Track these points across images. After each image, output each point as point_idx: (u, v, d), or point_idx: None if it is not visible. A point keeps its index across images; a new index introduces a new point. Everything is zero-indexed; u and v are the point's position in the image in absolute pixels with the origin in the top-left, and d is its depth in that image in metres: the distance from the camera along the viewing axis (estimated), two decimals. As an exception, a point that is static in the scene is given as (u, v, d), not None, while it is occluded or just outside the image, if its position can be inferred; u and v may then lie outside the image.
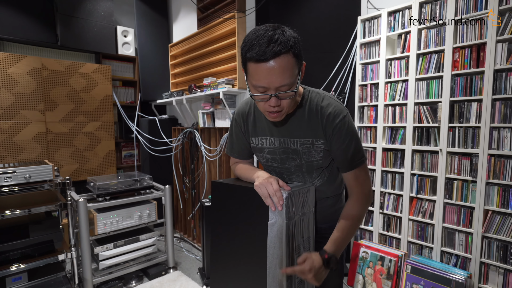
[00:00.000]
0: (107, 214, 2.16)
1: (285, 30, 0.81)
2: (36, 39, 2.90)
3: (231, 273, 1.04)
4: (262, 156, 1.08)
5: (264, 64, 0.77)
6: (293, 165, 1.03)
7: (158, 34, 3.56)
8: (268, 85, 0.80)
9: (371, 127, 2.13)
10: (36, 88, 2.74)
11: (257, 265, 0.94)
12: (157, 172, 3.28)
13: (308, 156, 0.99)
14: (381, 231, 2.12)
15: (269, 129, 1.01)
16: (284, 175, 1.09)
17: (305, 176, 1.05)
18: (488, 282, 1.68)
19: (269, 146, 1.03)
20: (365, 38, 2.09)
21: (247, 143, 1.12)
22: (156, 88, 3.57)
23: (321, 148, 0.97)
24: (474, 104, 1.67)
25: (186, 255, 2.79)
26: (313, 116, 0.94)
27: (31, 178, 1.84)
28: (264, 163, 1.11)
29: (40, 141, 2.78)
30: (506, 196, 1.59)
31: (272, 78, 0.79)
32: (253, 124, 1.05)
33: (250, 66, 0.81)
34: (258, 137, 1.05)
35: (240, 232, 1.00)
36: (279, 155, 1.03)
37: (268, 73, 0.78)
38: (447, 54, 1.74)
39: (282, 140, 1.00)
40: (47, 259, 1.89)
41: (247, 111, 1.06)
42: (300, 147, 0.98)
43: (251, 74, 0.82)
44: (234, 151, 1.17)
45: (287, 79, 0.80)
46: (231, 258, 1.03)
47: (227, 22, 2.63)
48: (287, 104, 0.86)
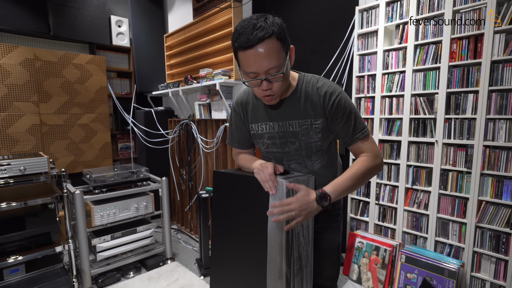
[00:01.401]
0: (104, 206, 2.16)
1: (268, 17, 0.86)
2: (28, 29, 2.83)
3: (232, 261, 1.05)
4: (263, 142, 1.10)
5: (250, 50, 0.83)
6: (292, 149, 1.06)
7: (153, 24, 3.49)
8: (257, 69, 0.86)
9: (367, 119, 2.13)
10: (29, 79, 2.69)
11: (258, 253, 0.95)
12: (153, 164, 3.27)
13: (306, 138, 1.02)
14: (377, 221, 2.14)
15: (268, 114, 1.04)
16: (284, 161, 1.10)
17: (304, 160, 1.07)
18: (480, 271, 1.72)
19: (268, 131, 1.06)
20: (362, 29, 2.07)
21: (247, 132, 1.14)
22: (151, 79, 3.52)
23: (319, 129, 1.01)
24: (471, 96, 1.68)
25: (184, 246, 2.81)
26: (310, 97, 0.99)
27: (26, 170, 1.83)
28: (265, 150, 1.12)
29: (34, 133, 2.75)
30: (500, 186, 1.61)
31: (259, 63, 0.84)
32: (252, 111, 1.08)
33: (239, 55, 0.87)
34: (257, 123, 1.08)
35: (241, 220, 1.01)
36: (279, 139, 1.06)
37: (255, 58, 0.84)
38: (444, 45, 1.73)
39: (281, 124, 1.03)
40: (44, 251, 1.89)
41: (245, 99, 1.10)
42: (299, 128, 1.01)
43: (241, 62, 0.88)
44: (234, 141, 1.18)
45: (274, 61, 0.85)
46: (232, 245, 1.05)
47: (223, 12, 2.59)
48: (279, 87, 0.91)
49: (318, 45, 2.32)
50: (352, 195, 2.27)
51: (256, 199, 0.95)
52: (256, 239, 0.96)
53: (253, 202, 0.97)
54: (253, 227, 0.97)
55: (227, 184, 1.06)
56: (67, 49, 3.20)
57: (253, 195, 0.96)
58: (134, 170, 2.43)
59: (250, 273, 0.99)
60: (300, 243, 0.96)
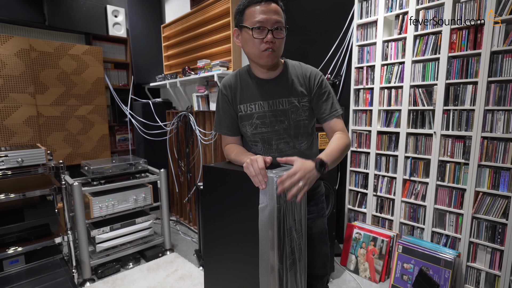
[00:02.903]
0: (103, 197, 2.16)
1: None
2: (22, 19, 2.78)
3: (224, 256, 1.06)
4: (251, 122, 1.11)
5: (262, 4, 0.98)
6: (281, 128, 1.10)
7: (150, 14, 3.44)
8: (265, 19, 0.97)
9: (366, 110, 2.13)
10: (24, 70, 2.66)
11: (249, 248, 0.95)
12: (152, 156, 3.26)
13: (296, 115, 1.09)
14: (374, 212, 2.16)
15: (259, 93, 1.10)
16: (273, 141, 1.12)
17: (293, 139, 1.12)
18: (476, 261, 1.74)
19: (258, 111, 1.10)
20: (362, 19, 2.05)
21: (235, 115, 1.14)
22: (149, 70, 3.49)
23: (306, 107, 1.10)
24: (470, 87, 1.67)
25: (183, 237, 2.82)
26: (296, 77, 1.11)
27: (23, 162, 1.82)
28: (252, 132, 1.12)
29: (31, 124, 2.73)
30: (497, 178, 1.62)
31: (269, 14, 0.98)
32: (241, 92, 1.12)
33: (249, 11, 0.99)
34: (247, 104, 1.11)
35: (232, 215, 1.00)
36: (269, 118, 1.10)
37: (265, 10, 0.98)
38: (444, 36, 1.71)
39: (271, 103, 1.09)
40: (43, 242, 1.89)
41: (233, 82, 1.14)
42: (289, 106, 1.09)
43: (250, 16, 0.99)
44: (222, 127, 1.17)
45: (279, 17, 0.99)
46: (224, 241, 1.05)
47: (221, 1, 2.55)
48: (279, 45, 1.02)
49: (317, 36, 2.30)
50: (350, 186, 2.28)
51: (246, 193, 0.94)
52: (247, 234, 0.95)
53: (242, 197, 0.96)
54: (244, 221, 0.96)
55: (217, 178, 1.04)
56: (63, 40, 3.16)
57: (243, 189, 0.95)
58: (133, 162, 2.43)
59: (243, 268, 0.99)
60: (292, 237, 0.96)
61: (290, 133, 1.10)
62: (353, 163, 2.24)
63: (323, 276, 1.22)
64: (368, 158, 2.15)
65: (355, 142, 2.20)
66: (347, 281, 2.04)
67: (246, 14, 1.00)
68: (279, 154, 1.11)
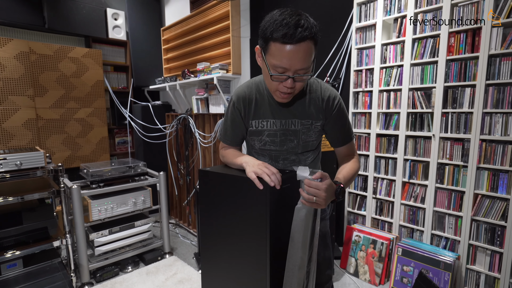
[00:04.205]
0: (102, 201, 2.15)
1: (308, 17, 0.85)
2: (22, 22, 2.79)
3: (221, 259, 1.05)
4: (260, 139, 1.09)
5: (290, 46, 0.81)
6: (290, 147, 1.08)
7: (149, 17, 3.45)
8: (289, 66, 0.85)
9: (365, 113, 2.13)
10: (24, 73, 2.66)
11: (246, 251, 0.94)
12: (151, 158, 3.26)
13: (306, 136, 1.07)
14: (374, 215, 2.16)
15: (272, 112, 1.05)
16: (280, 159, 1.11)
17: (299, 156, 1.11)
18: (476, 263, 1.74)
19: (269, 129, 1.07)
20: (361, 22, 2.06)
21: (244, 129, 1.12)
22: (148, 73, 3.50)
23: (318, 129, 1.07)
24: (468, 90, 1.68)
25: (182, 240, 2.81)
26: (314, 100, 1.03)
27: (22, 165, 1.82)
28: (261, 147, 1.11)
29: (30, 127, 2.73)
30: (496, 180, 1.62)
31: (294, 61, 0.83)
32: (255, 108, 1.07)
33: (273, 46, 0.84)
34: (259, 120, 1.07)
35: (229, 219, 1.00)
36: (279, 137, 1.07)
37: (292, 56, 0.82)
38: (442, 39, 1.73)
39: (283, 122, 1.05)
40: (42, 246, 1.88)
41: (248, 95, 1.07)
42: (301, 127, 1.05)
43: (272, 54, 0.85)
44: (227, 138, 1.16)
45: (306, 63, 0.85)
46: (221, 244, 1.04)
47: (220, 5, 2.56)
48: (300, 87, 0.93)
49: (316, 39, 2.31)
50: (350, 189, 2.28)
51: (242, 198, 0.94)
52: (243, 237, 0.95)
53: (238, 200, 0.96)
54: (241, 225, 0.96)
55: (213, 182, 1.04)
56: (62, 42, 3.16)
57: (239, 194, 0.95)
58: (132, 164, 2.42)
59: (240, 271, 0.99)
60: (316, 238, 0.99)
61: (297, 151, 1.09)
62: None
63: (327, 282, 1.21)
64: (367, 161, 2.15)
65: (354, 145, 2.21)
66: (347, 284, 2.03)
67: (271, 47, 0.85)
68: (284, 167, 1.12)
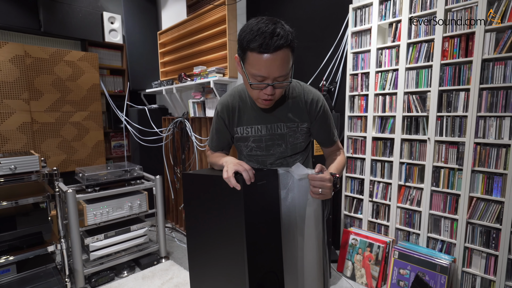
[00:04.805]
0: (97, 205, 2.13)
1: (284, 24, 0.87)
2: (17, 25, 2.78)
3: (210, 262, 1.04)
4: (246, 145, 1.11)
5: (266, 55, 0.83)
6: (278, 151, 1.10)
7: (146, 21, 3.46)
8: (267, 75, 0.86)
9: (361, 117, 2.15)
10: (19, 76, 2.64)
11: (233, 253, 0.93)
12: (147, 162, 3.24)
13: (293, 139, 1.09)
14: (370, 218, 2.16)
15: (256, 118, 1.07)
16: (267, 163, 1.13)
17: (287, 159, 1.13)
18: (471, 266, 1.75)
19: (254, 135, 1.09)
20: (356, 27, 2.08)
21: (229, 137, 1.15)
22: (145, 77, 3.49)
23: (304, 131, 1.09)
24: (462, 93, 1.70)
25: (178, 244, 2.80)
26: (297, 103, 1.06)
27: (16, 169, 1.80)
28: (248, 153, 1.13)
29: (25, 131, 2.70)
30: (490, 183, 1.64)
31: (272, 69, 0.85)
32: (238, 115, 1.09)
33: (251, 56, 0.86)
34: (243, 127, 1.09)
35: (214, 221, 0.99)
36: (265, 142, 1.09)
37: (269, 64, 0.85)
38: (436, 44, 1.75)
39: (269, 127, 1.07)
40: (36, 251, 1.86)
41: (231, 103, 1.09)
42: (287, 130, 1.07)
43: (250, 63, 0.87)
44: (213, 144, 1.20)
45: (284, 70, 0.87)
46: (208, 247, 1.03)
47: (217, 9, 2.57)
48: (280, 93, 0.95)
49: (312, 43, 2.33)
50: (346, 192, 2.28)
51: (227, 197, 0.92)
52: (230, 238, 0.93)
53: (218, 200, 0.95)
54: (221, 225, 0.95)
55: (197, 185, 1.03)
56: (58, 46, 3.15)
57: (223, 194, 0.93)
58: (128, 168, 2.41)
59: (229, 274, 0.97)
60: None
61: (286, 155, 1.11)
62: (349, 169, 2.25)
63: None
64: (363, 164, 2.16)
65: (351, 148, 2.22)
66: (344, 287, 2.03)
67: (249, 56, 0.86)
68: None
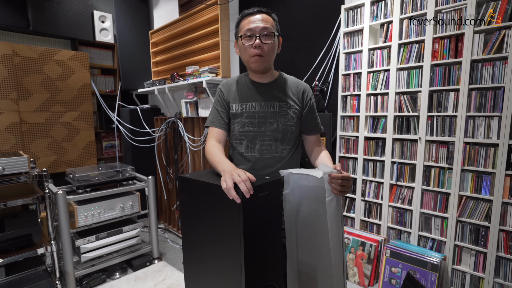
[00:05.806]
0: (88, 206, 2.10)
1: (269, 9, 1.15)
2: (5, 24, 2.72)
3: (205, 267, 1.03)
4: (240, 121, 1.19)
5: (252, 15, 1.12)
6: (269, 130, 1.18)
7: (138, 20, 3.42)
8: (254, 28, 1.09)
9: (353, 116, 2.16)
10: (7, 76, 2.59)
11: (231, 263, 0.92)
12: (139, 163, 3.22)
13: (285, 119, 1.18)
14: (362, 217, 2.18)
15: (252, 95, 1.19)
16: (257, 141, 1.18)
17: (277, 143, 1.18)
18: (461, 263, 1.78)
19: (248, 111, 1.18)
20: (348, 27, 2.09)
21: (227, 112, 1.23)
22: (137, 76, 3.46)
23: (296, 114, 1.20)
24: (452, 94, 1.73)
25: (171, 245, 2.78)
26: (290, 87, 1.22)
27: (5, 170, 1.76)
28: (240, 130, 1.19)
29: (13, 132, 2.65)
30: (479, 182, 1.67)
31: (257, 23, 1.09)
32: (235, 91, 1.22)
33: (242, 23, 1.13)
34: (239, 103, 1.20)
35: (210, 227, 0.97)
36: (258, 118, 1.18)
37: (254, 21, 1.10)
38: (427, 44, 1.77)
39: (263, 104, 1.17)
40: (25, 253, 1.83)
41: (231, 82, 1.25)
42: (279, 109, 1.18)
43: (242, 28, 1.12)
44: (214, 120, 1.23)
45: (268, 25, 1.10)
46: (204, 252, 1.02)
47: (209, 8, 2.56)
48: (268, 50, 1.11)
49: (304, 43, 2.34)
50: (339, 191, 2.30)
51: (224, 205, 0.90)
52: (226, 244, 0.93)
53: (216, 208, 0.93)
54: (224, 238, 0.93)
55: (194, 191, 1.01)
56: (48, 45, 3.10)
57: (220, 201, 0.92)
58: (120, 169, 2.39)
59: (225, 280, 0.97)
60: None
61: (277, 136, 1.18)
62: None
63: None
64: (355, 164, 2.18)
65: (343, 147, 2.23)
66: (336, 286, 2.04)
67: (241, 25, 1.13)
68: (260, 155, 1.18)
